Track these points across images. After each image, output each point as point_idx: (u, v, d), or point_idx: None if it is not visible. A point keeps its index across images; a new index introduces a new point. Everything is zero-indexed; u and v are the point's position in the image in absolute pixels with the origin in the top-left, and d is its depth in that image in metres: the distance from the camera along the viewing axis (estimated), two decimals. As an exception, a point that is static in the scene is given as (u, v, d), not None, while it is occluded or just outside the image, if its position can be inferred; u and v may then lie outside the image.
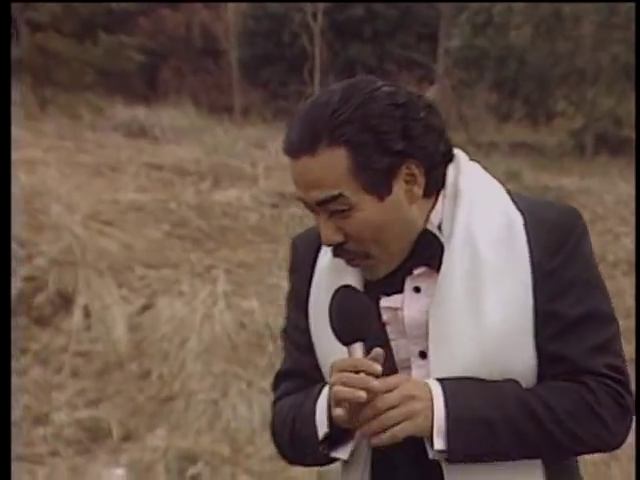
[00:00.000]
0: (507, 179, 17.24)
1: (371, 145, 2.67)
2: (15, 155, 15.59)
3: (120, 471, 10.87)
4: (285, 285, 11.30)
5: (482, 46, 22.14)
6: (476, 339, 2.72)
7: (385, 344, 2.86)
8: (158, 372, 12.54)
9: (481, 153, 20.41)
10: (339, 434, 3.01)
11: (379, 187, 2.70)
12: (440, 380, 2.74)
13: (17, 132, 16.69)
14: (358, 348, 2.74)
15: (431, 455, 2.75)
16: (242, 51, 22.33)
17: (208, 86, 21.96)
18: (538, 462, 2.84)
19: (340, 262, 2.94)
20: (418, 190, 2.76)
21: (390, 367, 2.83)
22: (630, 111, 22.64)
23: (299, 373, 3.30)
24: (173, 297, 13.52)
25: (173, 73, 23.20)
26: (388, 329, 2.91)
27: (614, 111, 24.30)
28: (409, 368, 2.89)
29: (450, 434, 2.70)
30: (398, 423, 2.71)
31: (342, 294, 2.81)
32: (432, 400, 2.70)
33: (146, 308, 13.41)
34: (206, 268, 14.06)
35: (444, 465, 2.79)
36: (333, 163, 2.69)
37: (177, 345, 12.93)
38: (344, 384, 2.69)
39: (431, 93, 23.83)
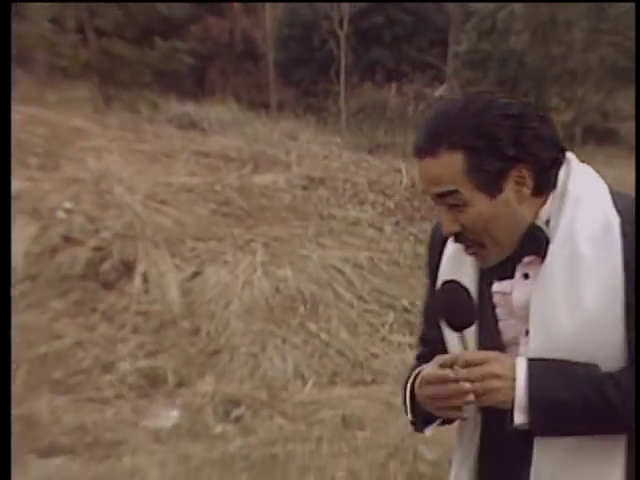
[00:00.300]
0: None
1: (485, 150, 2.75)
2: (84, 144, 15.88)
3: (174, 412, 11.21)
4: (314, 256, 11.67)
5: (486, 50, 22.16)
6: (572, 323, 2.74)
7: (494, 325, 2.97)
8: (206, 329, 12.80)
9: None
10: (424, 416, 3.14)
11: (491, 187, 2.77)
12: (527, 360, 2.79)
13: (86, 124, 16.94)
14: (469, 334, 2.89)
15: (514, 425, 2.80)
16: (277, 54, 22.33)
17: (248, 85, 21.97)
18: (621, 453, 2.83)
19: (461, 251, 3.00)
20: (527, 191, 2.81)
21: (496, 345, 2.94)
22: (615, 106, 22.75)
23: (428, 342, 3.40)
24: (218, 266, 13.71)
25: (218, 74, 23.21)
26: (498, 311, 2.97)
27: (601, 106, 24.41)
28: (517, 345, 2.95)
29: (530, 412, 2.75)
30: (482, 396, 2.78)
31: (447, 288, 2.92)
32: (514, 380, 2.75)
33: (196, 275, 13.61)
34: (246, 241, 14.23)
35: (536, 439, 2.86)
36: (451, 164, 2.77)
37: (222, 306, 13.16)
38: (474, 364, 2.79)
39: (441, 91, 23.89)
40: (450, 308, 2.87)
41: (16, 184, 14.42)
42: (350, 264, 14.42)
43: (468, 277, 2.96)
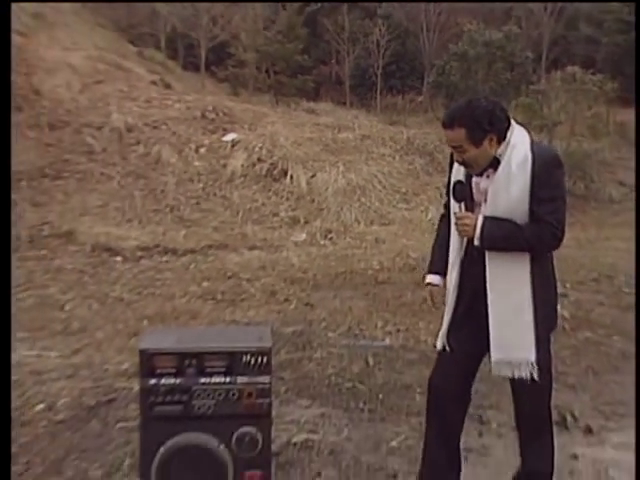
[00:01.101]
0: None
1: (476, 128, 2.73)
2: (267, 120, 15.68)
3: (304, 235, 11.30)
4: (364, 169, 11.35)
5: (440, 81, 21.76)
6: (506, 199, 2.75)
7: (471, 197, 2.91)
8: (317, 199, 12.81)
9: (437, 121, 20.29)
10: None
11: (478, 143, 2.75)
12: (485, 217, 2.80)
13: (268, 112, 16.72)
14: (462, 204, 2.88)
15: (475, 245, 2.85)
16: (351, 82, 22.05)
17: (338, 95, 21.75)
18: (527, 258, 2.82)
19: (461, 166, 2.92)
20: (494, 143, 2.77)
21: (472, 206, 2.90)
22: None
23: (446, 207, 3.22)
24: (323, 172, 13.53)
25: (325, 90, 22.98)
26: (474, 190, 2.91)
27: None
28: (480, 206, 2.88)
29: (481, 240, 2.79)
30: (461, 232, 2.87)
31: (457, 183, 2.92)
32: (476, 226, 2.80)
33: (313, 176, 13.48)
34: (335, 162, 13.94)
35: (486, 252, 2.86)
36: (459, 134, 2.75)
37: (324, 190, 13.10)
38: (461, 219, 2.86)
39: (421, 98, 23.56)
40: (458, 192, 2.91)
41: (238, 136, 14.42)
42: (380, 172, 14.37)
43: (464, 176, 2.92)
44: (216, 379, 2.84)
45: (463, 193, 2.90)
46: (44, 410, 4.29)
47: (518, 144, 2.79)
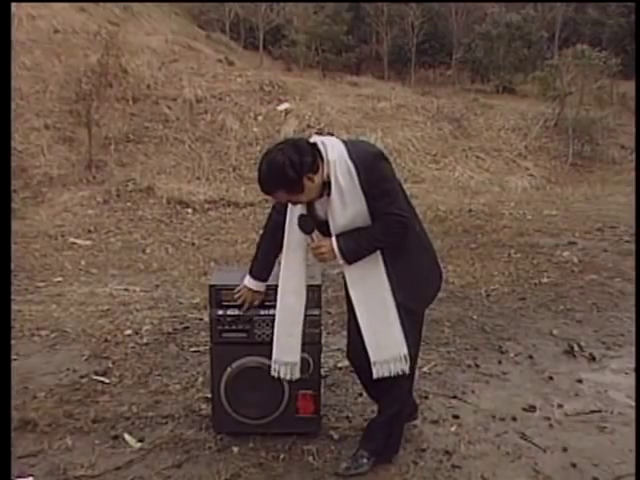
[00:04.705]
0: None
1: (288, 183, 2.37)
2: (315, 91, 15.27)
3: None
4: (400, 134, 10.90)
5: (467, 57, 21.14)
6: (344, 216, 2.48)
7: (316, 220, 2.62)
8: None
9: (463, 91, 19.99)
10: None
11: (301, 190, 2.41)
12: (336, 236, 2.52)
13: (316, 84, 16.11)
14: (315, 234, 2.61)
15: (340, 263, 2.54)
16: (388, 58, 21.43)
17: (378, 70, 21.10)
18: (380, 257, 2.57)
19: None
20: (314, 175, 2.42)
21: (323, 230, 2.60)
22: (515, 78, 21.58)
23: (278, 211, 2.78)
24: (364, 137, 13.51)
25: (366, 66, 22.30)
26: (318, 212, 2.58)
27: (509, 78, 22.90)
28: (328, 223, 2.54)
29: (343, 257, 2.50)
30: (322, 260, 2.59)
31: (301, 217, 2.57)
32: (333, 249, 2.51)
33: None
34: (375, 128, 13.71)
35: (345, 265, 2.55)
36: (282, 196, 2.45)
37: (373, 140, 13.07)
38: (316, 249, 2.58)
39: (450, 72, 22.85)
40: (304, 226, 2.59)
41: (290, 106, 14.21)
42: (413, 137, 14.06)
43: (303, 208, 2.60)
44: (274, 311, 2.82)
45: (309, 226, 2.63)
46: (132, 334, 4.39)
47: (337, 158, 2.48)
